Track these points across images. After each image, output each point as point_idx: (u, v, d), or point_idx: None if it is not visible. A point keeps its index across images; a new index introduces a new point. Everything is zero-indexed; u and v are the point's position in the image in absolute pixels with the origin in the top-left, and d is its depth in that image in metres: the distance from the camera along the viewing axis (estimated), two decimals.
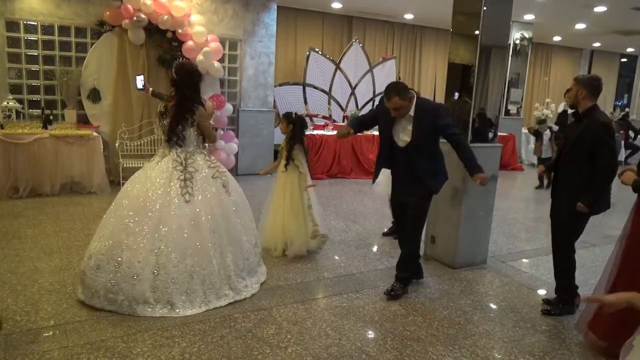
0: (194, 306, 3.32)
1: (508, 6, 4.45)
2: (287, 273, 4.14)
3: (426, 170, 3.65)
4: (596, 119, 3.36)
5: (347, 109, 9.92)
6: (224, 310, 3.37)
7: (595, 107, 3.42)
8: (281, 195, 4.50)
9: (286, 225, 4.45)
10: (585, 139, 3.38)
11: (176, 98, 3.56)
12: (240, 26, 7.96)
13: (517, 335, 3.32)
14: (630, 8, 8.83)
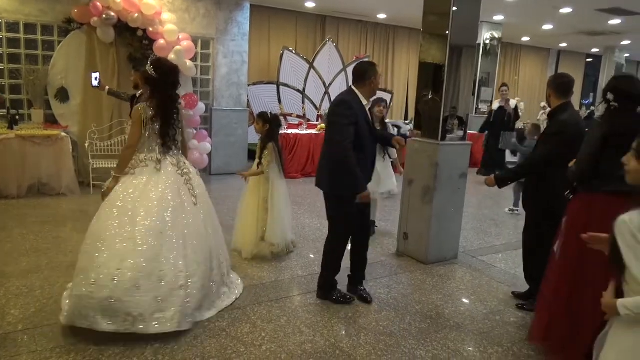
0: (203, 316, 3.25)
1: (476, 6, 4.54)
2: (262, 272, 4.14)
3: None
4: (558, 117, 3.44)
5: (321, 108, 9.95)
6: None
7: (563, 106, 3.44)
8: (253, 194, 4.49)
9: (255, 226, 4.43)
10: (543, 137, 3.50)
11: (159, 99, 3.33)
12: (212, 25, 7.90)
13: (486, 327, 3.40)
14: (594, 10, 9.10)
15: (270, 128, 4.46)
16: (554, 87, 3.46)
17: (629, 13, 9.20)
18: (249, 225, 4.46)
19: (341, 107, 3.40)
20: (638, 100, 2.78)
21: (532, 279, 3.75)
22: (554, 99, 3.48)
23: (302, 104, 9.85)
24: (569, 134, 3.33)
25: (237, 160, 8.14)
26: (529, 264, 3.77)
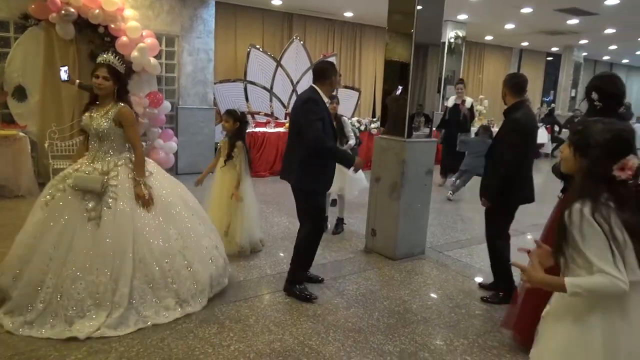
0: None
1: (440, 6, 4.61)
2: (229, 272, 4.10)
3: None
4: (511, 115, 3.56)
5: (289, 106, 9.92)
6: None
7: (517, 104, 3.57)
8: (219, 192, 4.43)
9: (220, 224, 4.36)
10: (501, 134, 3.60)
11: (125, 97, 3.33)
12: (177, 22, 7.77)
13: (452, 320, 3.47)
14: (553, 10, 9.38)
15: (239, 126, 4.42)
16: (509, 86, 3.61)
17: (586, 13, 9.52)
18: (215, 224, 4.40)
19: (310, 103, 3.52)
20: (621, 100, 2.86)
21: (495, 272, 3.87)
22: (509, 98, 3.63)
23: (270, 102, 9.80)
24: (524, 130, 3.49)
25: (204, 159, 8.01)
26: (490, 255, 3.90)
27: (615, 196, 1.64)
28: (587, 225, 1.62)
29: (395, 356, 2.97)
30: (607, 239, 1.59)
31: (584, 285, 1.64)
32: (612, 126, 1.69)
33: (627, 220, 1.63)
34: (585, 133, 1.71)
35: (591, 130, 1.69)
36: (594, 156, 1.65)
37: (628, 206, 1.66)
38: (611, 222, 1.61)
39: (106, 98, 3.26)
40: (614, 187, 1.64)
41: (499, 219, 3.74)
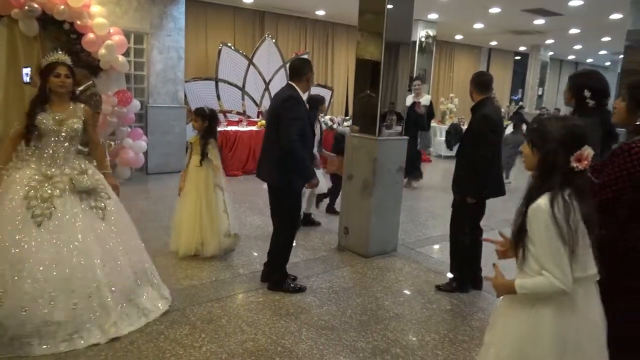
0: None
1: (410, 5, 4.66)
2: (202, 272, 4.06)
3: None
4: (479, 112, 3.66)
5: (262, 104, 9.87)
6: None
7: (483, 101, 3.70)
8: (195, 193, 4.35)
9: (202, 224, 4.31)
10: (470, 131, 3.69)
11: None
12: (146, 19, 7.63)
13: (424, 316, 3.52)
14: (520, 10, 9.59)
15: (209, 124, 4.37)
16: (475, 84, 3.75)
17: (551, 14, 9.77)
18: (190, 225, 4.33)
19: (290, 102, 3.55)
20: (608, 95, 2.92)
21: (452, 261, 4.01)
22: (475, 95, 3.76)
23: (242, 100, 9.72)
24: (496, 125, 3.63)
25: (175, 159, 7.91)
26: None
27: (575, 188, 1.69)
28: (544, 222, 1.66)
29: (368, 352, 2.99)
30: (560, 238, 1.64)
31: (529, 287, 1.72)
32: (566, 122, 1.74)
33: (585, 211, 1.69)
34: (542, 130, 1.76)
35: (547, 127, 1.74)
36: (551, 149, 1.69)
37: (586, 197, 1.72)
38: (570, 218, 1.64)
39: (63, 98, 3.13)
40: (572, 179, 1.68)
41: (466, 212, 3.83)
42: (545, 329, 1.70)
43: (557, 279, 1.64)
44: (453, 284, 3.94)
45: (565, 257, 1.64)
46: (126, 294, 3.07)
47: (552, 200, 1.65)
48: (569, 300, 1.69)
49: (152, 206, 6.17)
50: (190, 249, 4.33)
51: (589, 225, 1.70)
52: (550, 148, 1.69)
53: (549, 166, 1.70)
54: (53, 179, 3.03)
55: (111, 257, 3.04)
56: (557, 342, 1.69)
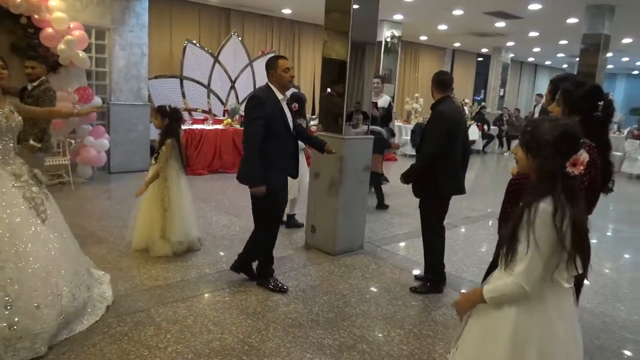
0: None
1: (375, 5, 4.71)
2: (167, 272, 4.00)
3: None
4: (436, 108, 3.77)
5: (228, 103, 9.79)
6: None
7: (442, 99, 3.80)
8: (150, 191, 4.28)
9: (152, 224, 4.26)
10: (427, 126, 3.79)
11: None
12: (107, 14, 7.44)
13: (389, 312, 3.57)
14: (482, 12, 9.83)
15: (169, 122, 4.29)
16: (435, 83, 3.86)
17: (512, 17, 10.06)
18: (145, 224, 4.29)
19: (252, 101, 3.56)
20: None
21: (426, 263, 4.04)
22: (436, 94, 3.86)
23: (208, 98, 9.61)
24: (446, 122, 3.68)
25: (139, 157, 7.76)
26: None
27: (567, 192, 1.68)
28: (544, 225, 1.65)
29: (335, 349, 3.02)
30: (557, 242, 1.65)
31: (498, 289, 1.77)
32: (558, 123, 1.73)
33: (575, 215, 1.68)
34: (535, 133, 1.73)
35: (540, 130, 1.72)
36: (547, 155, 1.68)
37: (577, 201, 1.71)
38: (564, 224, 1.65)
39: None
40: (566, 183, 1.68)
41: (433, 212, 3.90)
42: (506, 326, 1.73)
43: (523, 281, 1.68)
44: (427, 285, 3.97)
45: (542, 262, 1.67)
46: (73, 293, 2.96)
47: (555, 204, 1.65)
48: (538, 302, 1.72)
49: (115, 206, 6.04)
50: (139, 243, 4.32)
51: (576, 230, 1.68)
52: (547, 154, 1.68)
53: (548, 172, 1.69)
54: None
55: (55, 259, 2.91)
56: (517, 342, 1.72)
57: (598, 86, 2.21)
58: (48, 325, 2.70)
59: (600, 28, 8.41)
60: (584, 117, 2.06)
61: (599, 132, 2.12)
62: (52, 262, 2.84)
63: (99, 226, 5.08)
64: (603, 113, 2.10)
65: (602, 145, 2.10)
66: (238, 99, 9.94)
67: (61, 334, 2.85)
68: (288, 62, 3.65)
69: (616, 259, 5.33)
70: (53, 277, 2.82)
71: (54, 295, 2.78)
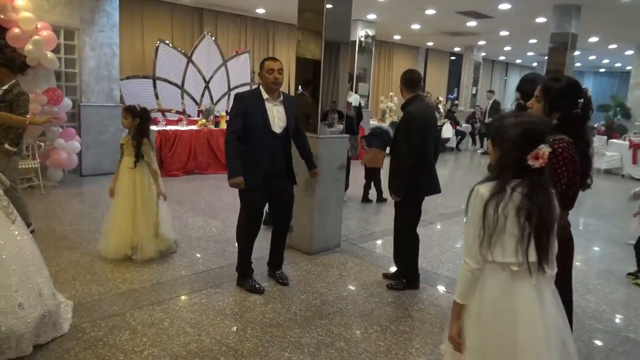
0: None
1: (349, 4, 4.74)
2: (142, 275, 3.95)
3: (290, 157, 3.85)
4: (407, 109, 3.77)
5: (202, 103, 9.70)
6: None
7: (413, 98, 3.79)
8: (129, 194, 4.19)
9: (136, 228, 4.17)
10: (399, 128, 3.81)
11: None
12: (76, 14, 7.29)
13: (367, 309, 3.60)
14: (454, 12, 9.98)
15: (140, 122, 4.22)
16: (403, 82, 3.84)
17: (483, 16, 10.24)
18: (123, 228, 4.17)
19: (233, 100, 3.73)
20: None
21: (398, 260, 4.07)
22: (405, 93, 3.84)
23: (182, 99, 9.51)
24: (417, 123, 3.67)
25: (111, 160, 7.57)
26: (394, 243, 4.11)
27: (529, 183, 1.78)
28: (475, 206, 1.80)
29: (313, 347, 3.03)
30: (482, 223, 1.78)
31: (459, 287, 1.88)
32: (522, 120, 1.84)
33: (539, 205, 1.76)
34: (500, 128, 1.86)
35: (505, 126, 1.84)
36: (507, 148, 1.81)
37: (539, 192, 1.79)
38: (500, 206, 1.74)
39: None
40: (529, 175, 1.78)
41: (409, 211, 3.93)
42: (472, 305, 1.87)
43: (467, 257, 1.83)
44: (404, 282, 4.00)
45: (478, 241, 1.80)
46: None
47: (493, 189, 1.77)
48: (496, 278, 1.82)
49: (88, 209, 5.93)
50: (121, 252, 4.17)
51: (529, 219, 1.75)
52: (506, 148, 1.81)
53: (503, 163, 1.82)
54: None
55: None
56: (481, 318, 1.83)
57: (577, 82, 2.25)
58: (32, 324, 2.69)
59: (568, 27, 8.64)
60: (564, 113, 2.09)
61: (578, 128, 2.15)
62: (31, 262, 2.82)
63: (71, 230, 4.97)
64: (582, 110, 2.15)
65: (581, 141, 2.15)
66: (212, 100, 9.86)
67: (47, 333, 2.83)
68: (275, 64, 3.61)
69: (586, 251, 5.48)
70: (33, 276, 2.79)
71: (36, 294, 2.76)
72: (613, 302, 4.07)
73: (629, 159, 11.01)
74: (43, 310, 2.77)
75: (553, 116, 2.10)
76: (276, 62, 3.63)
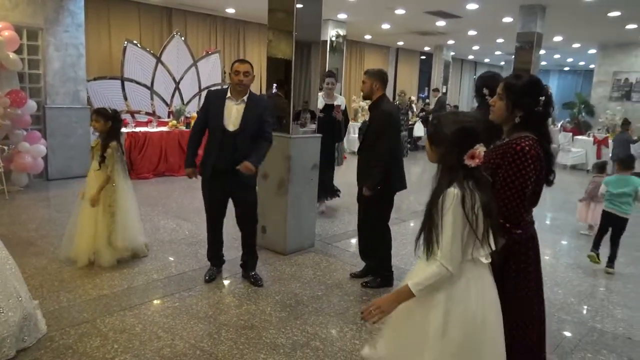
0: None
1: (319, 4, 4.74)
2: (112, 280, 3.87)
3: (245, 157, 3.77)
4: (382, 108, 3.83)
5: (172, 104, 9.56)
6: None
7: (383, 96, 3.90)
8: (88, 199, 4.07)
9: (98, 232, 4.06)
10: (374, 126, 3.84)
11: None
12: (39, 13, 7.09)
13: (342, 308, 3.61)
14: (423, 12, 10.10)
15: (112, 126, 4.13)
16: (380, 79, 3.87)
17: (451, 16, 10.39)
18: (87, 233, 4.06)
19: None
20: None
21: (365, 256, 4.10)
22: (378, 91, 3.88)
23: (151, 100, 9.34)
24: (395, 123, 3.84)
25: (79, 163, 7.42)
26: (362, 240, 4.20)
27: (474, 180, 1.82)
28: (453, 207, 1.77)
29: (288, 348, 3.02)
30: (464, 223, 1.78)
31: (424, 280, 1.83)
32: (457, 118, 1.87)
33: (484, 200, 1.82)
34: (437, 128, 1.89)
35: (442, 126, 1.87)
36: (447, 150, 1.83)
37: (487, 186, 1.87)
38: (475, 206, 1.78)
39: None
40: (470, 173, 1.82)
41: (383, 208, 3.97)
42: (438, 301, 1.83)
43: (446, 262, 1.78)
44: (378, 279, 4.04)
45: (459, 242, 1.79)
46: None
47: (461, 188, 1.79)
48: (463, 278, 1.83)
49: (55, 214, 5.77)
50: (84, 259, 4.06)
51: (487, 213, 1.82)
52: (446, 149, 1.83)
53: (448, 164, 1.84)
54: None
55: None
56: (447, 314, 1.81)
57: (538, 80, 2.29)
58: (14, 328, 2.68)
59: (533, 27, 8.84)
60: (526, 111, 2.13)
61: (540, 126, 2.20)
62: (7, 266, 2.79)
63: (38, 236, 4.83)
64: (543, 107, 2.20)
65: (543, 138, 2.19)
66: (183, 100, 9.73)
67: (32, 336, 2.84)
68: (241, 66, 3.69)
69: (553, 245, 5.62)
70: (10, 280, 2.76)
71: (15, 298, 2.73)
72: (580, 294, 4.19)
73: (593, 155, 11.36)
74: (23, 313, 2.77)
75: (515, 114, 2.13)
76: (243, 65, 3.72)
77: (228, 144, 3.71)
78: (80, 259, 4.06)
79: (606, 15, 9.35)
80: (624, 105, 12.88)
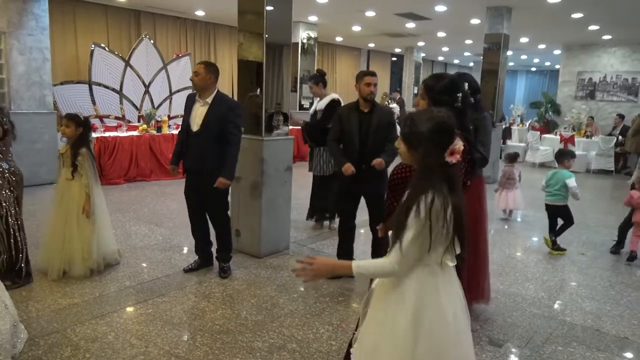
0: None
1: (289, 6, 4.74)
2: (83, 288, 3.78)
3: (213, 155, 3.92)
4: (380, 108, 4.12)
5: (142, 108, 9.41)
6: None
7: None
8: (64, 207, 3.96)
9: (68, 242, 3.91)
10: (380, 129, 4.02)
11: None
12: (2, 17, 6.89)
13: (318, 309, 3.62)
14: (393, 14, 10.20)
15: (83, 132, 4.03)
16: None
17: (421, 18, 10.53)
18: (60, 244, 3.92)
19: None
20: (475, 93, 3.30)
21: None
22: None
23: (120, 104, 9.18)
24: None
25: (47, 169, 7.25)
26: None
27: (448, 180, 1.76)
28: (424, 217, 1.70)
29: (265, 351, 3.01)
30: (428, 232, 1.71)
31: (369, 267, 1.83)
32: (432, 116, 1.81)
33: (455, 202, 1.75)
34: (412, 128, 1.81)
35: (417, 126, 1.79)
36: (428, 151, 1.76)
37: (457, 187, 1.79)
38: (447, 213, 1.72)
39: None
40: (447, 171, 1.76)
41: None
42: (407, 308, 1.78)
43: (396, 261, 1.75)
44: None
45: (417, 247, 1.73)
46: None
47: (438, 195, 1.71)
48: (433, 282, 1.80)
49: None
50: (57, 271, 3.93)
51: (457, 216, 1.75)
52: (427, 149, 1.75)
53: (429, 166, 1.76)
54: None
55: None
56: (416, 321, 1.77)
57: (456, 79, 2.40)
58: (6, 336, 2.65)
59: (500, 28, 9.04)
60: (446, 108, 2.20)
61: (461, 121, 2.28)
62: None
63: None
64: (462, 104, 2.29)
65: (465, 132, 2.30)
66: (153, 104, 9.59)
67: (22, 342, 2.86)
68: (196, 67, 3.97)
69: (524, 242, 5.75)
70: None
71: (2, 306, 2.70)
72: (550, 289, 4.29)
73: None
74: (12, 321, 2.75)
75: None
76: (197, 65, 3.97)
77: (192, 144, 3.98)
78: (53, 270, 3.92)
79: (570, 17, 9.62)
80: (588, 104, 13.27)
